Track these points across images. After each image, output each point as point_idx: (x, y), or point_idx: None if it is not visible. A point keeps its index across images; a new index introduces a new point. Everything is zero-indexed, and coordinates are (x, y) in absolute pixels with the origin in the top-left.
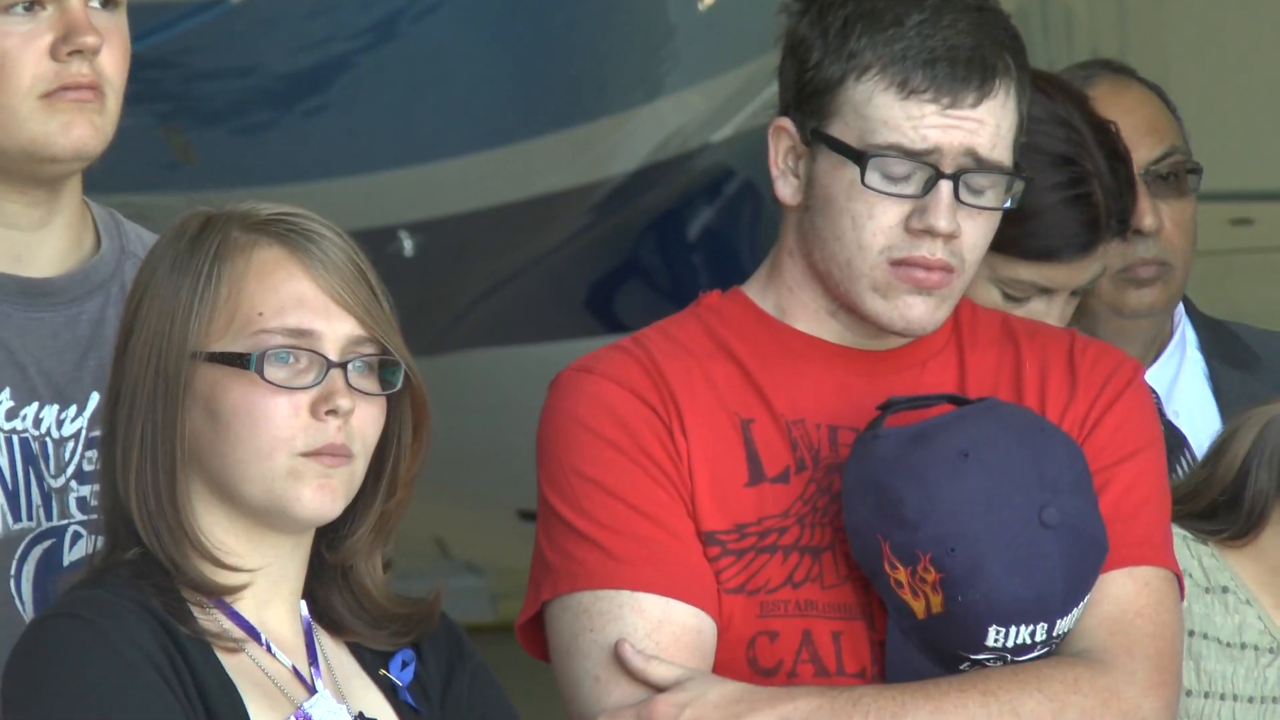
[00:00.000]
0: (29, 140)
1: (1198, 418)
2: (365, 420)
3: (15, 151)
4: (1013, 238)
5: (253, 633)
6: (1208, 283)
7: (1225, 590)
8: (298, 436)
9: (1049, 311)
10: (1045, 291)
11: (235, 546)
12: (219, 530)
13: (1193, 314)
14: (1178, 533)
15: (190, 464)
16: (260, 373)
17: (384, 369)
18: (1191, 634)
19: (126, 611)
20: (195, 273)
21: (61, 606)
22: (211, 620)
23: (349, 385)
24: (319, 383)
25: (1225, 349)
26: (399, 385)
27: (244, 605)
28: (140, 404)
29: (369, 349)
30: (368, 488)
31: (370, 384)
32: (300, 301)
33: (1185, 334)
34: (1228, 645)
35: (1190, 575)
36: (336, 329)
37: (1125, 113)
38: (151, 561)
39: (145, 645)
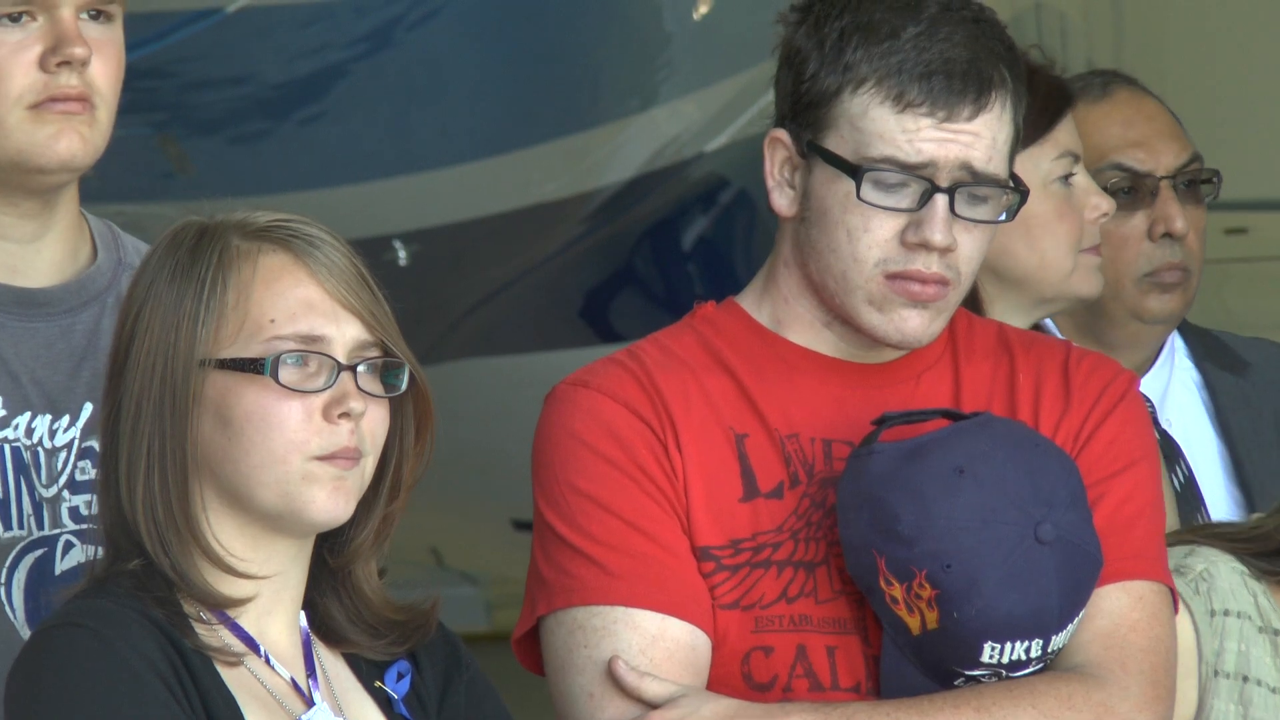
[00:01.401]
0: (16, 151)
1: (1190, 426)
2: (374, 422)
3: (3, 162)
4: (1049, 107)
5: (252, 645)
6: (1203, 292)
7: (1277, 633)
8: (312, 440)
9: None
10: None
11: (244, 553)
12: (227, 538)
13: (1180, 323)
14: (1236, 569)
15: (199, 472)
16: (275, 377)
17: (387, 372)
18: (1245, 679)
19: (131, 622)
20: (198, 281)
21: (65, 616)
22: (212, 634)
23: (359, 388)
24: (330, 386)
25: (1216, 355)
26: (403, 387)
27: (245, 617)
28: (146, 415)
29: (374, 352)
30: (370, 491)
31: (376, 386)
32: (309, 306)
33: (1174, 343)
34: (1273, 691)
35: (1249, 617)
36: (345, 332)
37: (1148, 119)
38: (153, 573)
39: (150, 655)
